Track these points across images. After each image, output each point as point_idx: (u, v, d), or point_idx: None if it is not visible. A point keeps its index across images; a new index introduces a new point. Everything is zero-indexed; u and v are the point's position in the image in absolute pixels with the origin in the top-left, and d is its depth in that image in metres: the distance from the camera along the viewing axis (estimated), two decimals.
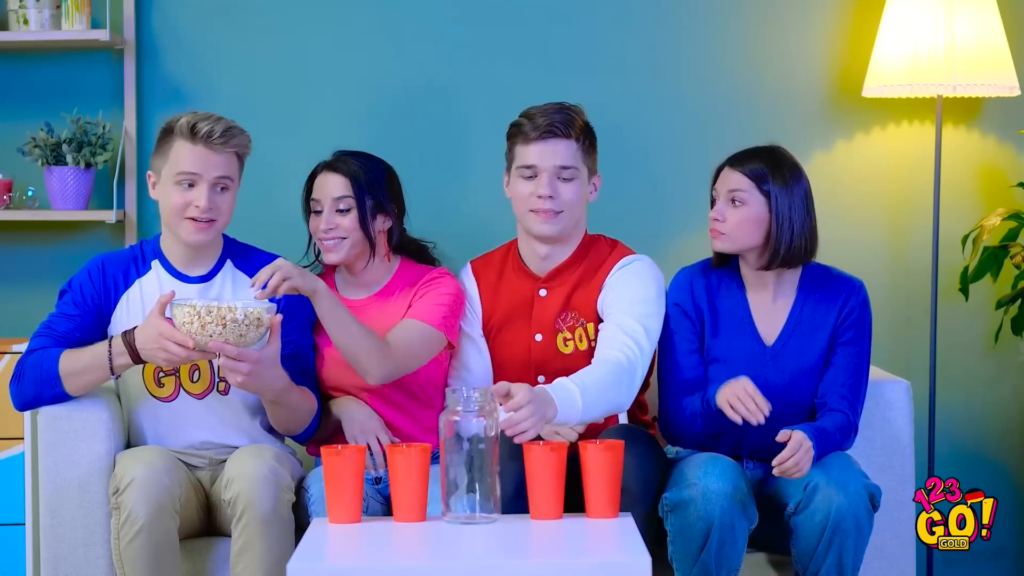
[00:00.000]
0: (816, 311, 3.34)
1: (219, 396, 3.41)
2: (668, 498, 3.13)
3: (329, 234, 3.48)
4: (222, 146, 3.34)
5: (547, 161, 3.41)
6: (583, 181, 3.45)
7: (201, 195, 3.32)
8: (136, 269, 3.43)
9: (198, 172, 3.33)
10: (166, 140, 3.37)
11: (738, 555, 3.11)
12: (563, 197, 3.42)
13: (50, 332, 3.36)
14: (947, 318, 4.13)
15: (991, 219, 3.96)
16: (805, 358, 3.32)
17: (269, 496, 3.14)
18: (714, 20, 4.11)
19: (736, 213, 3.31)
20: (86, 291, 3.39)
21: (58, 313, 3.39)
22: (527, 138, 3.42)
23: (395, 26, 4.10)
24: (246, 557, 3.14)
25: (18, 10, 3.96)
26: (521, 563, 2.85)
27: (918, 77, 3.90)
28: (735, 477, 3.10)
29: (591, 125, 3.48)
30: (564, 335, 3.47)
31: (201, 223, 3.34)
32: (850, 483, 3.08)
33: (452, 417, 3.00)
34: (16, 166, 4.03)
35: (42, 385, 3.31)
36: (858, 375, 3.31)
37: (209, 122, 3.34)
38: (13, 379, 3.34)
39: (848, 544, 3.08)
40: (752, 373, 3.28)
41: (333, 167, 3.51)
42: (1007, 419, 4.18)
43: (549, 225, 3.43)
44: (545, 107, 3.44)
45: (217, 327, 3.12)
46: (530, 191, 3.42)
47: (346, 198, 3.48)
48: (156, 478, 3.14)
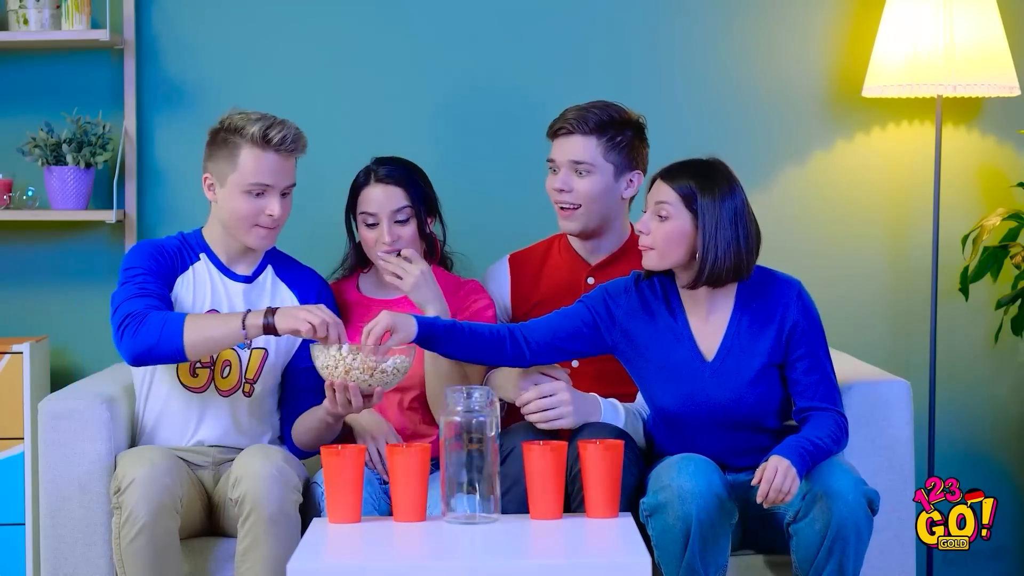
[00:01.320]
0: (754, 324, 3.26)
1: (243, 396, 3.42)
2: (646, 502, 3.11)
3: (394, 246, 3.47)
4: (292, 153, 3.36)
5: (563, 155, 3.50)
6: (604, 177, 3.48)
7: (274, 204, 3.34)
8: (188, 257, 3.43)
9: (272, 184, 3.34)
10: (229, 145, 3.35)
11: (723, 552, 3.10)
12: (578, 190, 3.48)
13: (146, 292, 3.29)
14: (947, 318, 4.13)
15: (991, 219, 3.96)
16: (745, 373, 3.26)
17: (276, 496, 3.14)
18: (714, 20, 4.11)
19: (661, 228, 3.24)
20: (153, 263, 3.36)
21: (140, 279, 3.32)
22: (552, 133, 3.54)
23: (395, 26, 4.10)
24: (251, 556, 3.14)
25: (18, 10, 3.96)
26: (521, 563, 2.85)
27: (918, 77, 3.90)
28: (709, 474, 3.08)
29: (637, 123, 3.52)
30: None
31: (270, 229, 3.36)
32: (849, 491, 3.06)
33: (452, 417, 3.00)
34: (16, 166, 4.03)
35: (165, 340, 3.21)
36: (826, 374, 3.25)
37: (279, 129, 3.33)
38: (126, 331, 3.23)
39: (849, 551, 3.07)
40: (694, 388, 3.26)
41: (383, 179, 3.51)
42: (1007, 419, 4.18)
43: (568, 221, 3.51)
44: (579, 104, 3.53)
45: (363, 375, 3.15)
46: (551, 184, 3.53)
47: (405, 208, 3.49)
48: (157, 478, 3.14)
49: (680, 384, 3.27)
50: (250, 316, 3.24)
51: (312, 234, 3.86)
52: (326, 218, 3.77)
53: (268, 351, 3.42)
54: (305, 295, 3.48)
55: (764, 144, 4.11)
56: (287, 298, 3.46)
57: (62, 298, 4.10)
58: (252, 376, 3.42)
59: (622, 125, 3.50)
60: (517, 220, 4.03)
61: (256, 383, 3.42)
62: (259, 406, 3.44)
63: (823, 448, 3.14)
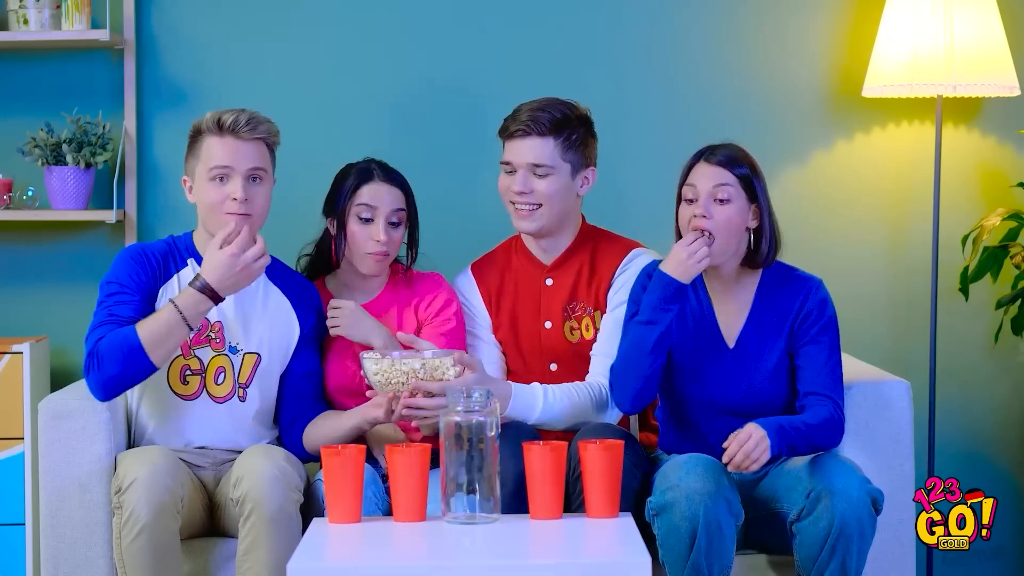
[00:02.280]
0: (775, 313, 3.32)
1: (239, 403, 3.42)
2: (652, 502, 3.12)
3: (383, 247, 3.48)
4: (250, 133, 3.35)
5: (521, 158, 3.48)
6: (563, 176, 3.48)
7: (236, 187, 3.33)
8: (174, 263, 3.43)
9: (230, 164, 3.34)
10: (196, 140, 3.39)
11: (728, 552, 3.10)
12: (538, 191, 3.47)
13: (114, 319, 3.30)
14: (947, 318, 4.13)
15: (991, 219, 3.96)
16: (765, 360, 3.30)
17: (277, 496, 3.14)
18: (714, 20, 4.11)
19: (724, 211, 3.28)
20: (135, 275, 3.37)
21: (113, 302, 3.33)
22: (508, 134, 3.51)
23: (395, 25, 4.10)
24: (252, 556, 3.14)
25: (18, 10, 3.96)
26: (521, 563, 2.85)
27: (918, 77, 3.90)
28: (716, 475, 3.09)
29: (587, 119, 3.51)
30: (571, 324, 3.52)
31: (240, 216, 3.34)
32: (853, 489, 3.07)
33: (452, 417, 3.00)
34: (16, 166, 4.03)
35: (126, 361, 3.23)
36: (832, 371, 3.29)
37: (232, 114, 3.36)
38: (91, 368, 3.25)
39: (852, 550, 3.07)
40: (715, 374, 3.29)
41: (388, 179, 3.53)
42: (1007, 419, 4.18)
43: (527, 221, 3.49)
44: (531, 104, 3.50)
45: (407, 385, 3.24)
46: (507, 185, 3.50)
47: (400, 212, 3.51)
48: (158, 478, 3.13)
49: (700, 369, 3.29)
50: (179, 297, 3.25)
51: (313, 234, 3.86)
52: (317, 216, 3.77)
53: (261, 356, 3.42)
54: (303, 309, 3.48)
55: (764, 144, 4.09)
56: (278, 309, 3.46)
57: (62, 298, 4.10)
58: (245, 381, 3.41)
59: (575, 123, 3.50)
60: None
61: (250, 388, 3.42)
62: (255, 411, 3.44)
63: (805, 435, 3.16)
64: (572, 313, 3.52)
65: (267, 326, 3.43)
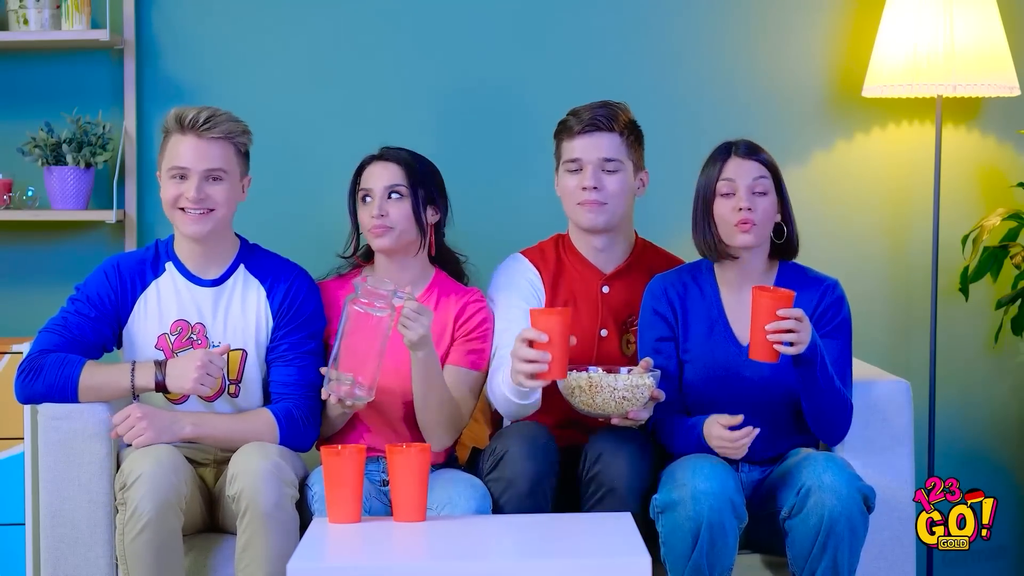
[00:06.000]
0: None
1: (229, 398, 3.42)
2: (658, 499, 3.13)
3: (381, 221, 3.45)
4: (208, 132, 3.34)
5: (591, 154, 3.47)
6: (628, 174, 3.50)
7: (190, 187, 3.33)
8: (152, 271, 3.43)
9: (187, 165, 3.34)
10: (164, 139, 3.40)
11: (730, 555, 3.10)
12: (608, 188, 3.47)
13: (64, 332, 3.36)
14: (947, 318, 4.13)
15: (991, 219, 3.96)
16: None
17: (272, 492, 3.14)
18: (714, 20, 4.12)
19: (763, 202, 3.30)
20: (103, 292, 3.39)
21: (73, 311, 3.38)
22: (571, 133, 3.50)
23: (395, 25, 4.10)
24: (250, 552, 3.14)
25: (18, 10, 3.96)
26: (521, 563, 2.85)
27: (918, 77, 3.90)
28: (724, 477, 3.10)
29: (636, 122, 3.53)
30: (628, 337, 3.51)
31: (194, 214, 3.34)
32: (843, 486, 3.07)
33: (356, 307, 3.18)
34: (16, 166, 4.03)
35: (57, 389, 3.31)
36: (843, 368, 3.31)
37: (192, 112, 3.35)
38: (26, 373, 3.32)
39: (843, 547, 3.07)
40: (728, 373, 3.29)
41: (384, 157, 3.51)
42: (1007, 419, 4.18)
43: (595, 215, 3.48)
44: (588, 105, 3.51)
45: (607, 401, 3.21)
46: (576, 184, 3.48)
47: (399, 186, 3.48)
48: (163, 475, 3.14)
49: (715, 368, 3.31)
50: (138, 375, 3.29)
51: (314, 233, 3.86)
52: (326, 216, 3.77)
53: (246, 351, 3.42)
54: (273, 286, 3.44)
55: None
56: (255, 296, 3.43)
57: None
58: (235, 377, 3.41)
59: (634, 123, 3.53)
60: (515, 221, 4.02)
61: (240, 382, 3.42)
62: (247, 402, 3.43)
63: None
64: (629, 327, 3.51)
65: (248, 321, 3.42)
